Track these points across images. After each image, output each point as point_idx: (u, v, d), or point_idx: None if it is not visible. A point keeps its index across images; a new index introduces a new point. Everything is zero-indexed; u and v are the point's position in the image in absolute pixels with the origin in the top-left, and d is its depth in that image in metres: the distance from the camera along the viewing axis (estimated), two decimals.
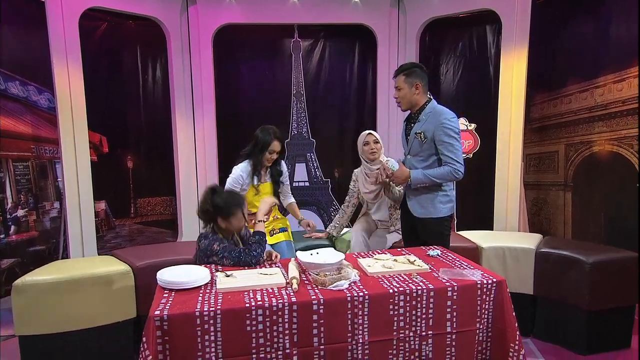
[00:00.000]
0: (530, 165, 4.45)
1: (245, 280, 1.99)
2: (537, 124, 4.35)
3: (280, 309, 1.78)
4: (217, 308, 1.73)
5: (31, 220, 4.01)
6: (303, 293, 1.88)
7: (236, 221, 2.35)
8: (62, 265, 2.78)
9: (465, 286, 1.96)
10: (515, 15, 3.90)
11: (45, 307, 2.47)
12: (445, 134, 2.60)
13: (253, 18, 4.37)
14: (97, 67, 4.27)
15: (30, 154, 4.00)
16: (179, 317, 1.69)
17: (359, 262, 2.26)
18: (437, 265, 2.22)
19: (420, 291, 1.91)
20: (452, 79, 4.54)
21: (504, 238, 3.25)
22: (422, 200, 2.73)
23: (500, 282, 2.00)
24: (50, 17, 3.58)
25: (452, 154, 2.61)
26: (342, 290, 1.90)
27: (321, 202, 4.77)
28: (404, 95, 2.71)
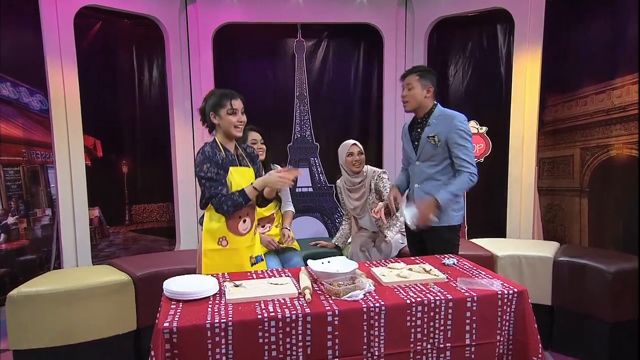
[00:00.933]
0: (544, 170, 4.46)
1: (255, 291, 1.99)
2: (550, 127, 4.36)
3: (294, 320, 1.78)
4: (229, 319, 1.73)
5: (22, 228, 3.99)
6: (317, 304, 1.88)
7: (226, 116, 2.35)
8: (59, 275, 2.78)
9: (485, 296, 1.97)
10: (528, 13, 3.94)
11: (42, 319, 2.47)
12: (460, 137, 2.65)
13: (254, 17, 4.40)
14: (91, 68, 4.27)
15: (21, 159, 3.99)
16: (188, 329, 1.69)
17: (372, 271, 2.26)
18: (454, 274, 2.23)
19: (439, 302, 1.92)
20: (461, 80, 4.57)
21: (520, 246, 3.27)
22: None
23: (521, 292, 2.01)
24: (44, 15, 3.61)
25: (467, 157, 2.66)
26: (357, 300, 1.90)
27: (325, 209, 4.78)
28: (414, 94, 2.74)
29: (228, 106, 2.36)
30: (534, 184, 4.05)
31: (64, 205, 3.78)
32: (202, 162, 2.32)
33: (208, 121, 2.42)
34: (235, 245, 2.41)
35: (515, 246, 3.26)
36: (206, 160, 2.32)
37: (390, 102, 4.55)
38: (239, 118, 2.39)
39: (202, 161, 2.32)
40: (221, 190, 2.33)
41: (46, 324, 2.47)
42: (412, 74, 2.75)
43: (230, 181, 2.39)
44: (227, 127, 2.39)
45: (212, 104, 2.38)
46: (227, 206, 2.32)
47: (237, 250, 2.42)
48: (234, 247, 2.41)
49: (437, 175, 2.74)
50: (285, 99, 4.67)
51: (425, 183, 2.77)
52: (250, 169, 2.51)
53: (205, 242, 2.38)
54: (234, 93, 2.41)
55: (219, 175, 2.34)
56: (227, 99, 2.37)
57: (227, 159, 2.41)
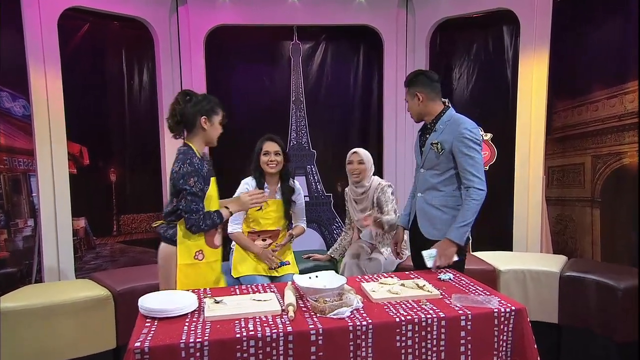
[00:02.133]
0: (553, 179, 4.42)
1: (236, 307, 1.97)
2: (559, 133, 4.33)
3: (275, 339, 1.76)
4: (205, 339, 1.71)
5: (1, 239, 3.99)
6: (300, 322, 1.86)
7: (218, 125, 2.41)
8: (35, 290, 2.77)
9: (480, 315, 1.94)
10: (534, 14, 3.93)
11: (14, 337, 2.44)
12: (466, 146, 2.55)
13: (248, 19, 4.42)
14: (77, 72, 4.28)
15: (2, 167, 3.99)
16: (161, 349, 1.67)
17: (362, 286, 2.24)
18: (449, 290, 2.19)
19: (431, 320, 1.89)
20: (465, 84, 4.55)
21: (525, 260, 3.23)
22: (435, 221, 2.67)
23: (519, 310, 1.97)
24: (26, 17, 3.62)
25: (474, 169, 2.55)
26: (343, 318, 1.87)
27: (322, 219, 4.75)
28: (410, 107, 2.74)
29: (221, 117, 2.43)
30: (541, 194, 4.00)
31: (45, 216, 3.78)
32: (190, 175, 2.28)
33: (189, 124, 2.40)
34: (210, 258, 2.43)
35: (519, 260, 3.23)
36: (194, 173, 2.29)
37: (391, 107, 4.54)
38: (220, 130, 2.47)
39: (189, 173, 2.29)
40: (202, 209, 2.33)
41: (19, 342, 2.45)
42: (406, 87, 2.75)
43: (211, 195, 2.40)
44: (213, 135, 2.42)
45: (207, 108, 2.38)
46: (205, 225, 2.33)
47: (211, 264, 2.43)
48: (209, 261, 2.42)
49: (440, 186, 2.67)
50: (280, 104, 4.68)
51: (427, 192, 2.71)
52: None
53: (181, 256, 2.35)
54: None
55: (202, 192, 2.34)
56: (220, 108, 2.43)
57: (209, 169, 2.43)
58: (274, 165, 3.02)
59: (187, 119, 2.39)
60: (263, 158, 3.01)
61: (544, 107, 3.95)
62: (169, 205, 2.42)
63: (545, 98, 3.95)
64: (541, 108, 3.95)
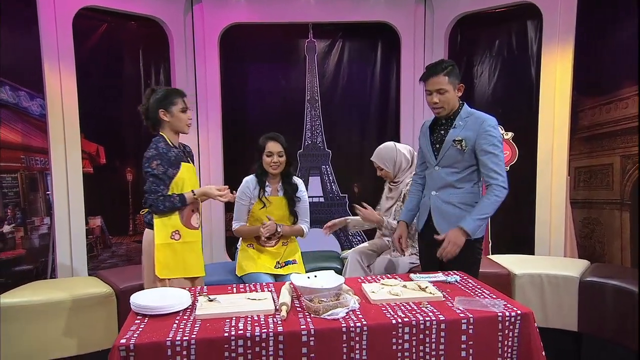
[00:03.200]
0: (579, 181, 4.27)
1: (229, 306, 1.95)
2: (586, 132, 4.18)
3: (264, 339, 1.73)
4: (192, 337, 1.69)
5: (18, 237, 4.08)
6: (292, 322, 1.82)
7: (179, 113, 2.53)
8: (40, 286, 2.82)
9: (483, 318, 1.86)
10: (558, 7, 3.80)
11: (18, 333, 2.48)
12: (490, 143, 2.50)
13: (263, 17, 4.42)
14: (94, 72, 4.35)
15: (20, 165, 4.09)
16: (147, 347, 1.65)
17: (362, 287, 2.19)
18: (454, 293, 2.12)
19: (429, 323, 1.83)
20: (487, 81, 4.44)
21: (543, 264, 3.12)
22: (452, 219, 2.58)
23: (526, 314, 1.89)
24: (42, 16, 3.70)
25: (497, 167, 2.50)
26: (337, 319, 1.83)
27: None
28: (448, 99, 2.55)
29: (181, 104, 2.54)
30: (566, 196, 3.86)
31: (59, 214, 3.85)
32: (153, 158, 2.46)
33: (153, 119, 2.55)
34: (189, 238, 2.52)
35: (537, 264, 3.11)
36: (157, 156, 2.47)
37: (408, 106, 4.47)
38: (189, 115, 2.57)
39: (153, 157, 2.47)
40: (162, 190, 2.47)
41: (22, 337, 2.50)
42: (439, 74, 2.53)
43: (183, 178, 2.52)
44: (178, 124, 2.56)
45: (160, 100, 2.52)
46: (163, 206, 2.46)
47: (190, 244, 2.53)
48: (187, 241, 2.51)
49: (458, 183, 2.59)
50: (295, 103, 4.66)
51: (443, 190, 2.62)
52: (193, 165, 2.68)
53: (158, 236, 2.45)
54: (182, 91, 2.59)
55: (165, 175, 2.48)
56: (179, 96, 2.55)
57: (179, 154, 2.56)
58: (277, 167, 3.01)
59: (151, 114, 2.56)
60: (266, 159, 3.00)
61: (567, 105, 3.81)
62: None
63: (570, 95, 3.81)
64: (565, 106, 3.82)
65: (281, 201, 3.07)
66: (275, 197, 3.07)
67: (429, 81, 2.56)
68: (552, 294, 2.90)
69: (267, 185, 3.06)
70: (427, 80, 2.58)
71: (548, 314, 2.91)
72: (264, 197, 3.02)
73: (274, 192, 3.08)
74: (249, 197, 3.04)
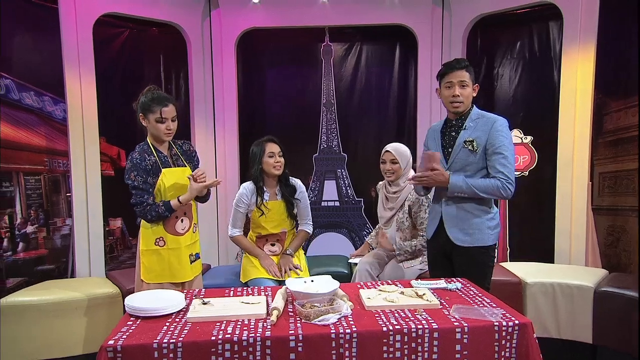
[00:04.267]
0: (604, 187, 4.12)
1: (222, 310, 1.95)
2: (611, 136, 4.03)
3: (251, 344, 1.72)
4: (179, 340, 1.69)
5: (41, 237, 4.20)
6: (282, 327, 1.80)
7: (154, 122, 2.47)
8: (50, 285, 2.89)
9: (478, 328, 1.80)
10: (579, 7, 3.68)
11: (27, 331, 2.55)
12: (500, 144, 2.46)
13: (279, 21, 4.43)
14: (116, 77, 4.47)
15: (43, 167, 4.22)
16: (134, 349, 1.67)
17: (360, 293, 2.15)
18: (453, 300, 2.07)
19: (421, 331, 1.78)
20: (507, 84, 4.33)
21: (557, 272, 3.01)
22: (465, 225, 2.53)
23: (524, 324, 1.82)
24: (63, 23, 3.80)
25: (505, 169, 2.45)
26: (327, 325, 1.80)
27: (352, 225, 4.67)
28: (468, 94, 2.54)
29: (157, 114, 2.46)
30: (586, 203, 3.72)
31: (78, 215, 3.94)
32: (130, 171, 2.47)
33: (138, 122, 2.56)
34: (174, 245, 2.53)
35: (551, 272, 3.00)
36: (133, 168, 2.47)
37: (425, 109, 4.40)
38: (168, 126, 2.49)
39: (129, 169, 2.48)
40: (147, 199, 2.47)
41: (32, 336, 2.56)
42: (462, 69, 2.52)
43: (162, 184, 2.49)
44: (154, 131, 2.52)
45: (141, 105, 2.51)
46: (151, 216, 2.47)
47: (175, 250, 2.53)
48: (172, 247, 2.52)
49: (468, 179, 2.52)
50: (311, 106, 4.65)
51: (455, 197, 2.54)
52: (186, 168, 2.61)
53: (143, 243, 2.51)
54: (166, 99, 2.51)
55: (146, 184, 2.48)
56: (158, 105, 2.46)
57: (159, 161, 2.51)
58: (280, 167, 3.00)
59: (137, 114, 2.56)
60: (269, 160, 2.99)
61: (589, 108, 3.68)
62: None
63: (591, 98, 3.67)
64: (586, 109, 3.69)
65: (280, 205, 3.06)
66: (274, 201, 3.05)
67: (452, 74, 2.54)
68: (566, 304, 2.79)
69: (265, 191, 3.05)
70: (449, 72, 2.55)
71: (561, 325, 2.80)
72: (262, 205, 3.00)
73: (273, 197, 3.07)
74: (246, 204, 3.03)
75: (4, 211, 3.90)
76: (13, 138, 3.99)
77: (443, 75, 2.57)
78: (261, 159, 3.00)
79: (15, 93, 4.00)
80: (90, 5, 3.89)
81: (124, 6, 4.09)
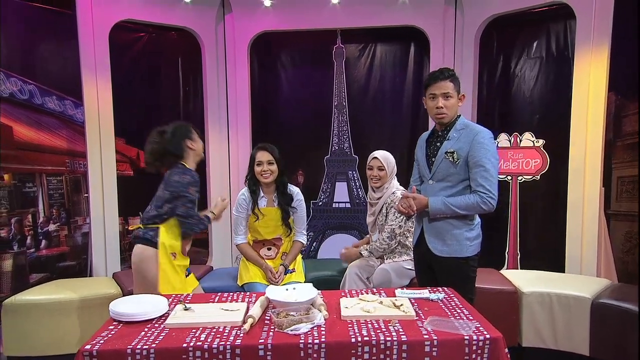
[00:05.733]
0: (622, 191, 3.98)
1: (200, 316, 2.01)
2: (630, 139, 3.88)
3: (221, 351, 1.76)
4: (152, 346, 1.76)
5: (62, 235, 4.39)
6: (254, 335, 1.84)
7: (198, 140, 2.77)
8: (58, 285, 3.02)
9: (448, 341, 1.80)
10: (593, 7, 3.56)
11: (33, 328, 2.69)
12: (482, 156, 2.44)
13: (291, 24, 4.47)
14: (135, 80, 4.61)
15: (65, 169, 4.40)
16: (108, 354, 1.74)
17: (340, 301, 2.17)
18: (431, 312, 2.06)
19: (390, 343, 1.78)
20: (518, 86, 4.24)
21: (556, 282, 2.94)
22: (444, 236, 2.54)
23: (495, 339, 1.80)
24: (80, 30, 3.95)
25: (486, 182, 2.43)
26: (298, 335, 1.83)
27: (363, 227, 4.66)
28: (453, 104, 2.54)
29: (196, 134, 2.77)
30: (598, 209, 3.61)
31: (95, 215, 4.10)
32: (191, 185, 2.63)
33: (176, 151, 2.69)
34: (179, 262, 2.66)
35: (549, 281, 2.93)
36: (195, 183, 2.65)
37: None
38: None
39: (190, 183, 2.63)
40: (197, 213, 2.68)
41: (37, 332, 2.69)
42: (446, 79, 2.52)
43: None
44: (200, 151, 2.77)
45: (185, 132, 2.71)
46: (198, 228, 2.67)
47: (181, 267, 2.68)
48: (178, 264, 2.65)
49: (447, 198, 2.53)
50: (323, 109, 4.67)
51: None
52: None
53: (162, 256, 2.58)
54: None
55: (197, 200, 2.66)
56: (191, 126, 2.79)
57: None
58: (268, 175, 3.05)
59: (173, 148, 2.70)
60: (256, 168, 3.06)
61: (601, 111, 3.56)
62: (155, 209, 2.64)
63: (604, 101, 3.55)
64: (599, 111, 3.57)
65: (276, 212, 3.10)
66: (270, 208, 3.11)
67: (435, 85, 2.53)
68: (563, 314, 2.73)
69: (262, 197, 3.10)
70: (433, 84, 2.54)
71: (558, 336, 2.72)
72: (256, 210, 3.07)
73: (270, 203, 3.12)
74: (245, 209, 3.11)
75: (27, 210, 4.11)
76: (36, 141, 4.18)
77: (427, 87, 2.56)
78: (252, 166, 3.07)
79: (38, 98, 4.19)
80: (106, 13, 4.03)
81: (139, 13, 4.21)
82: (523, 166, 4.04)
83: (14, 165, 3.99)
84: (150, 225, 2.63)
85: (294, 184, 4.85)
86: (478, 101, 4.31)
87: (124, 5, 4.11)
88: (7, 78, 3.89)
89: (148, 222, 2.65)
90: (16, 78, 3.95)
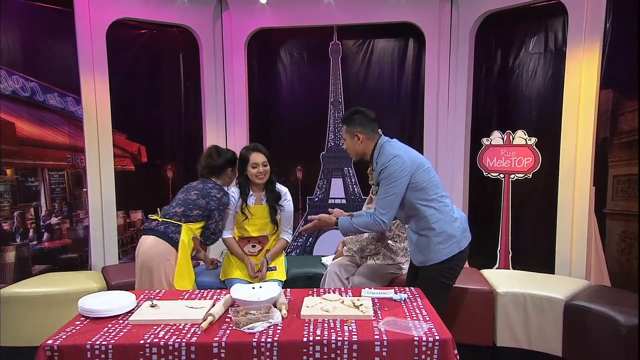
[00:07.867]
0: (617, 190, 3.91)
1: (164, 313, 2.07)
2: (626, 137, 3.81)
3: (177, 348, 1.83)
4: (110, 342, 1.83)
5: (64, 228, 4.53)
6: (210, 333, 1.90)
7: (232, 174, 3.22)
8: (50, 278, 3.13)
9: (397, 341, 1.83)
10: (584, 3, 3.49)
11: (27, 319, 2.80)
12: (381, 177, 2.60)
13: (288, 21, 4.49)
14: (135, 77, 4.69)
15: (66, 164, 4.53)
16: (69, 349, 1.82)
17: (304, 300, 2.21)
18: (391, 311, 2.09)
19: (341, 343, 1.83)
20: (513, 82, 4.18)
21: (531, 282, 2.93)
22: (419, 247, 2.64)
23: (444, 340, 1.83)
24: (78, 28, 4.05)
25: (378, 203, 2.59)
26: (253, 333, 1.88)
27: None
28: (348, 147, 2.82)
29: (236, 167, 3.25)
30: (588, 209, 3.56)
31: (93, 209, 4.22)
32: (226, 206, 3.10)
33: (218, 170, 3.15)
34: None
35: (524, 281, 2.92)
36: (229, 206, 3.12)
37: (431, 108, 4.34)
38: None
39: (227, 205, 3.10)
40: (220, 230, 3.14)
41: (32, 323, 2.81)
42: (343, 124, 2.81)
43: None
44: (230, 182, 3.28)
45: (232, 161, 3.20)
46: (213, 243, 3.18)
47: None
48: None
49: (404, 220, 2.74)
50: (319, 105, 4.68)
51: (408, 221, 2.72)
52: None
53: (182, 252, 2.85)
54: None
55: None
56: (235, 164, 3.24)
57: None
58: (263, 177, 3.08)
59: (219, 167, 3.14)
60: (252, 170, 3.08)
61: (592, 109, 3.50)
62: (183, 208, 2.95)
63: (595, 99, 3.49)
64: (590, 109, 3.51)
65: (264, 210, 3.14)
66: (259, 206, 3.15)
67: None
68: (536, 315, 2.72)
69: (250, 195, 3.15)
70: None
71: (531, 336, 2.72)
72: (245, 209, 3.11)
73: (258, 201, 3.16)
74: (233, 208, 3.15)
75: (30, 204, 4.24)
76: (39, 137, 4.31)
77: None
78: (245, 167, 3.11)
79: (40, 95, 4.30)
80: (103, 11, 4.11)
81: (137, 11, 4.28)
82: (515, 164, 4.01)
83: (17, 161, 4.11)
84: (172, 220, 2.87)
85: (293, 180, 4.99)
86: (473, 98, 4.27)
87: (122, 3, 4.19)
88: (9, 76, 4.00)
89: (172, 217, 2.89)
90: (18, 76, 4.06)
